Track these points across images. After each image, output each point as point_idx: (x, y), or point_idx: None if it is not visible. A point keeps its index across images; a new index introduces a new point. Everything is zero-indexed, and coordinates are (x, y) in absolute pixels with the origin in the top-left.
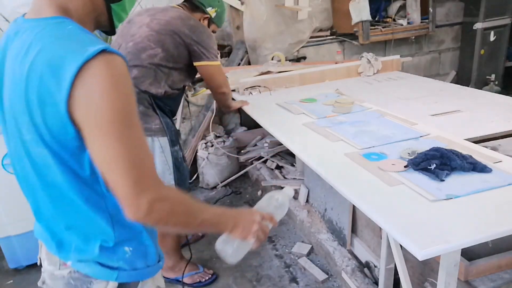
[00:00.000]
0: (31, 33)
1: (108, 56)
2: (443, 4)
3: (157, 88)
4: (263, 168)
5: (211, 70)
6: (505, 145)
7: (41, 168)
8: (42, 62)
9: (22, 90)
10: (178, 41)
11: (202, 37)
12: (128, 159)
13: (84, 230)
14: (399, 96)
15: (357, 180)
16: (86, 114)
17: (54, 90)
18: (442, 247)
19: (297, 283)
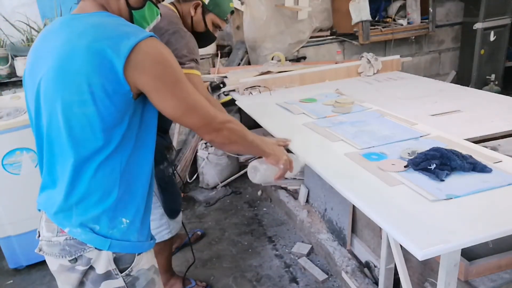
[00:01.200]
0: (83, 20)
1: (156, 39)
2: (443, 4)
3: None
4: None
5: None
6: (505, 145)
7: (75, 129)
8: (106, 38)
9: (79, 59)
10: None
11: (169, 39)
12: (195, 104)
13: (91, 195)
14: (399, 96)
15: (357, 180)
16: (152, 78)
17: (114, 59)
18: (442, 247)
19: (297, 283)
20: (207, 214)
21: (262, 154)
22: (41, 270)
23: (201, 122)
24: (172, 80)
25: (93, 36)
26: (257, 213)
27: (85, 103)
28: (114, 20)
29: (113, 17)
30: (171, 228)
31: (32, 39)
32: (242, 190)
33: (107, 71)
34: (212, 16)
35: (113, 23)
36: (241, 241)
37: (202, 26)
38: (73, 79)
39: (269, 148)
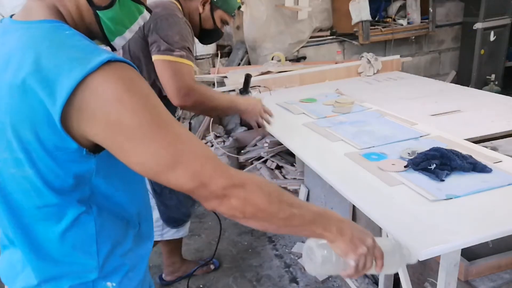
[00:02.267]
0: (20, 37)
1: (114, 65)
2: (443, 4)
3: None
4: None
5: (165, 68)
6: (505, 145)
7: (14, 191)
8: (35, 71)
9: (2, 101)
10: (138, 35)
11: (162, 25)
12: (176, 156)
13: (58, 264)
14: (399, 96)
15: (357, 180)
16: (106, 128)
17: (48, 104)
18: (442, 247)
19: (297, 283)
20: (207, 214)
21: (318, 233)
22: None
23: (191, 184)
24: (144, 122)
25: (20, 67)
26: None
27: (20, 163)
28: (59, 37)
29: (59, 32)
30: (163, 232)
31: None
32: None
33: (40, 120)
34: (220, 12)
35: (54, 43)
36: (241, 241)
37: (211, 23)
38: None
39: (333, 224)
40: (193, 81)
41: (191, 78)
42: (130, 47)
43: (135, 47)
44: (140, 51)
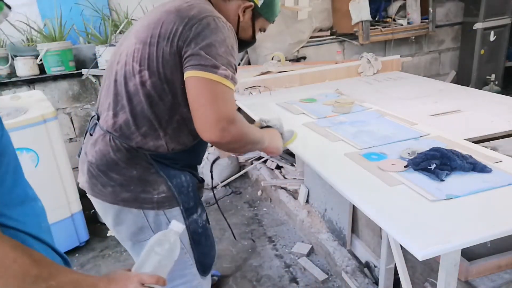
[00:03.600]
0: None
1: None
2: (443, 4)
3: (155, 141)
4: (263, 168)
5: (201, 88)
6: (505, 145)
7: None
8: None
9: None
10: (167, 50)
11: (203, 32)
12: None
13: None
14: (399, 96)
15: (357, 180)
16: None
17: None
18: (442, 247)
19: (297, 283)
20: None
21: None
22: None
23: None
24: None
25: None
26: (257, 213)
27: None
28: None
29: None
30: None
31: (32, 39)
32: (242, 190)
33: None
34: (262, 20)
35: None
36: (241, 241)
37: (250, 32)
38: None
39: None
40: (236, 112)
41: (234, 108)
42: (160, 69)
43: (167, 68)
44: (173, 72)
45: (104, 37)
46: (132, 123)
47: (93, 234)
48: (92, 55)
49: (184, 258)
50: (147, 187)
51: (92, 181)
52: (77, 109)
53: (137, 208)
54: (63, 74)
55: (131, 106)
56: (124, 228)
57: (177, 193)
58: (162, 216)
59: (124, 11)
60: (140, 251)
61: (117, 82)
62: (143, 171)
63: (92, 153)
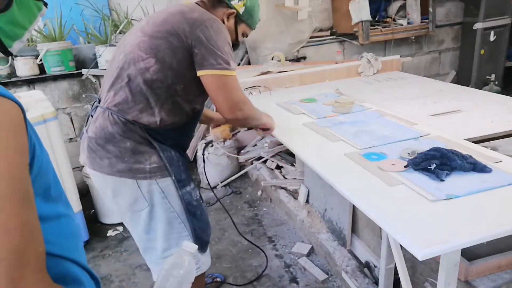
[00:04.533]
0: None
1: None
2: (443, 4)
3: (150, 116)
4: (263, 168)
5: (218, 83)
6: (505, 145)
7: None
8: None
9: None
10: (176, 44)
11: (209, 34)
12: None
13: None
14: (399, 96)
15: (357, 180)
16: None
17: None
18: (442, 247)
19: (297, 283)
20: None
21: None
22: None
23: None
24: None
25: None
26: (257, 213)
27: None
28: None
29: None
30: (201, 263)
31: (32, 39)
32: (242, 190)
33: None
34: (244, 26)
35: None
36: (241, 241)
37: (234, 36)
38: None
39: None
40: (243, 93)
41: (241, 90)
42: (166, 58)
43: (174, 58)
44: (179, 62)
45: (104, 37)
46: (131, 100)
47: (93, 234)
48: (92, 55)
49: (180, 228)
50: (139, 157)
51: (92, 155)
52: (77, 109)
53: (131, 179)
54: (63, 74)
55: (131, 86)
56: (122, 199)
57: (168, 164)
58: (155, 186)
59: (124, 11)
60: (138, 222)
61: (119, 68)
62: (136, 143)
63: (92, 129)
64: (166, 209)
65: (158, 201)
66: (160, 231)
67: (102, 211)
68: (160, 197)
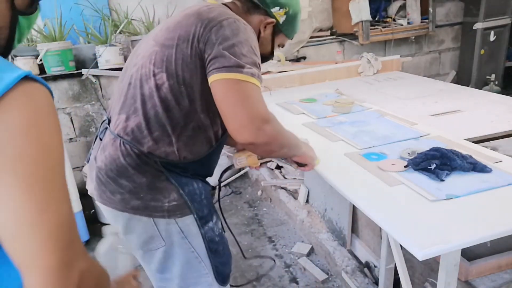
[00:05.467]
0: None
1: (29, 86)
2: (443, 4)
3: (167, 147)
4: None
5: (230, 89)
6: (505, 145)
7: None
8: None
9: None
10: (186, 52)
11: (224, 33)
12: (45, 227)
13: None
14: (399, 96)
15: (357, 180)
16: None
17: None
18: (442, 247)
19: (297, 283)
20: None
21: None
22: None
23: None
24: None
25: None
26: (257, 213)
27: None
28: None
29: None
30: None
31: (32, 39)
32: (242, 190)
33: None
34: (282, 36)
35: None
36: (241, 241)
37: (269, 47)
38: None
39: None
40: (267, 108)
41: (265, 106)
42: (179, 71)
43: (186, 70)
44: (192, 75)
45: (104, 37)
46: (145, 127)
47: (93, 234)
48: (92, 55)
49: (199, 267)
50: (157, 194)
51: (101, 188)
52: (77, 109)
53: (147, 216)
54: (63, 74)
55: (145, 109)
56: (135, 236)
57: (189, 201)
58: (174, 225)
59: (124, 11)
60: (151, 260)
61: (131, 85)
62: (153, 178)
63: (101, 158)
64: (186, 250)
65: (177, 241)
66: (176, 271)
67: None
68: (180, 237)
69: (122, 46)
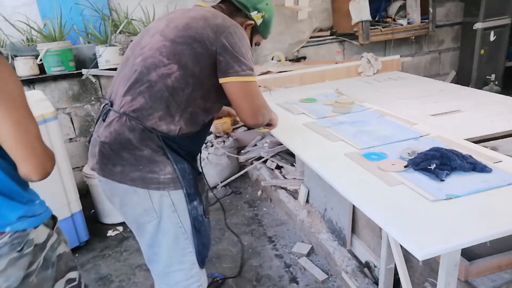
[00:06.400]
0: None
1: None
2: (443, 4)
3: (169, 124)
4: (263, 168)
5: (243, 90)
6: (505, 145)
7: None
8: None
9: None
10: (200, 51)
11: (233, 40)
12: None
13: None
14: (399, 96)
15: (357, 180)
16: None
17: None
18: (442, 247)
19: (297, 283)
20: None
21: None
22: None
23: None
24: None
25: None
26: (257, 213)
27: None
28: None
29: None
30: (202, 281)
31: (32, 39)
32: (242, 190)
33: None
34: (258, 36)
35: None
36: (241, 241)
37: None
38: None
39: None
40: (263, 99)
41: (262, 97)
42: (189, 65)
43: (197, 65)
44: (202, 70)
45: (104, 37)
46: (150, 106)
47: (93, 234)
48: (92, 55)
49: (185, 244)
50: (154, 167)
51: (103, 161)
52: (77, 109)
53: (143, 188)
54: (63, 74)
55: (151, 92)
56: (130, 209)
57: (181, 177)
58: (166, 197)
59: (124, 11)
60: (144, 234)
61: (137, 72)
62: (153, 151)
63: (105, 134)
64: (175, 224)
65: (167, 214)
66: (165, 246)
67: (102, 211)
68: (170, 210)
69: (122, 46)
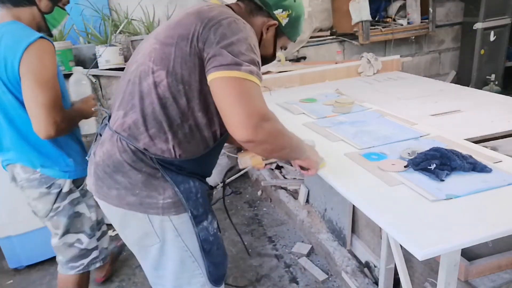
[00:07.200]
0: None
1: (42, 41)
2: (443, 4)
3: (163, 144)
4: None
5: (226, 86)
6: (505, 145)
7: (6, 107)
8: (5, 43)
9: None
10: (186, 50)
11: (221, 31)
12: (40, 100)
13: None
14: (399, 96)
15: (357, 180)
16: (26, 69)
17: (13, 59)
18: (442, 247)
19: (297, 283)
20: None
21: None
22: (41, 270)
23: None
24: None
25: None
26: (257, 213)
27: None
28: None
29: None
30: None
31: None
32: (242, 190)
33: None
34: (284, 39)
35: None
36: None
37: (271, 49)
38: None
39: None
40: (267, 107)
41: (264, 103)
42: (177, 69)
43: (184, 68)
44: (191, 73)
45: (104, 37)
46: (142, 123)
47: None
48: (92, 55)
49: (193, 267)
50: (152, 191)
51: (98, 183)
52: None
53: (142, 213)
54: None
55: (142, 106)
56: (130, 232)
57: (185, 199)
58: (168, 223)
59: (124, 11)
60: (147, 256)
61: (130, 82)
62: (149, 175)
63: (99, 153)
64: (180, 248)
65: (171, 238)
66: (170, 269)
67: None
68: (174, 235)
69: (122, 46)
